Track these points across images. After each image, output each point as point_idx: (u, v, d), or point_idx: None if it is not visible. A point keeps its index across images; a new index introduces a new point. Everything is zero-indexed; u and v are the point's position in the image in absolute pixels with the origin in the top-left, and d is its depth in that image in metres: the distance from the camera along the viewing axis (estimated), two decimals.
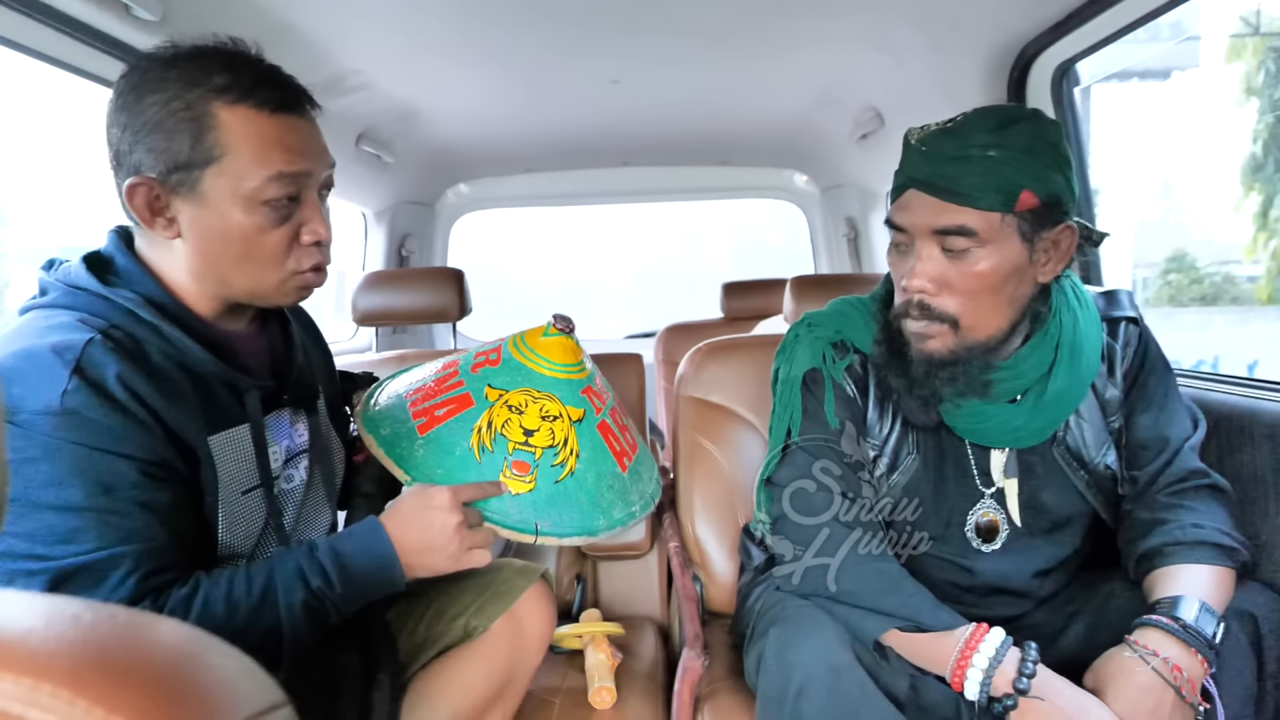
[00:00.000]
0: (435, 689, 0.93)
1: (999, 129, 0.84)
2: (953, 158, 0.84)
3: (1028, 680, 0.78)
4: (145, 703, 0.23)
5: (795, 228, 3.06)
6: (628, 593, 1.46)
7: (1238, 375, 1.10)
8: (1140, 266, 6.02)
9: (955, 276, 0.87)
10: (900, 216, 0.90)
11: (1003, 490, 0.97)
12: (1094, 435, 0.96)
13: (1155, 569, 0.88)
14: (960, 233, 0.84)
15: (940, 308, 0.88)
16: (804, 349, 1.03)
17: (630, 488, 1.02)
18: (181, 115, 0.72)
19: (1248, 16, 4.88)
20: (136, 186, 0.73)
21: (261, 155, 0.74)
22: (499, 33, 1.49)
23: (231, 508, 0.78)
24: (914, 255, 0.89)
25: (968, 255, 0.85)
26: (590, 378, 1.02)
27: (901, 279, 0.91)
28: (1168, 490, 0.93)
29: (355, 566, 0.78)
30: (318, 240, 0.80)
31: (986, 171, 0.83)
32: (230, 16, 1.24)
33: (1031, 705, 0.78)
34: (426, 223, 2.78)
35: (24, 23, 1.01)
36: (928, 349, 0.90)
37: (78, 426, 0.66)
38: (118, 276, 0.77)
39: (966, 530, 0.98)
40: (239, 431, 0.80)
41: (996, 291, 0.87)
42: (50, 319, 0.71)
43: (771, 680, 0.84)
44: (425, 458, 0.93)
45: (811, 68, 1.76)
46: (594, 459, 0.97)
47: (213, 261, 0.77)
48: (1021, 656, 0.80)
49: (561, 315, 1.03)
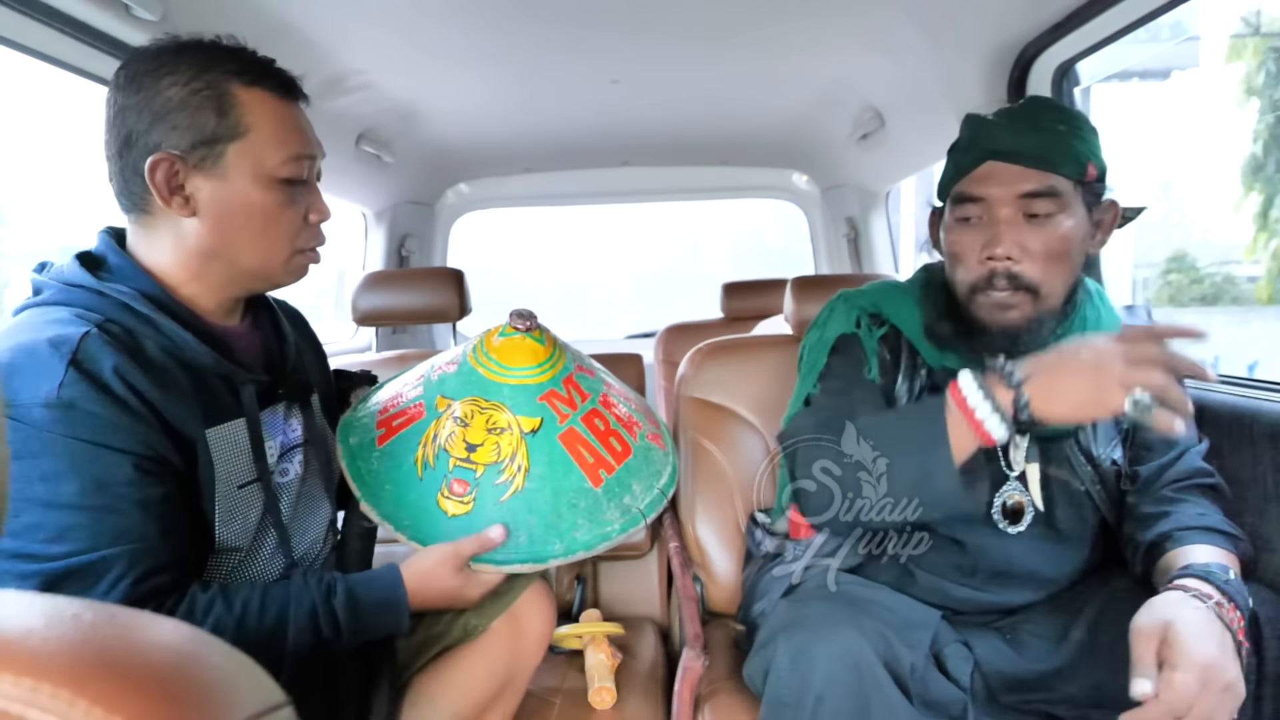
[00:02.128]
0: (435, 689, 0.93)
1: (1060, 110, 0.93)
2: (1031, 129, 0.90)
3: (1019, 375, 0.80)
4: (145, 703, 0.23)
5: (795, 228, 3.06)
6: (628, 593, 1.46)
7: (1238, 375, 1.10)
8: (1140, 266, 6.01)
9: (1037, 242, 0.90)
10: (979, 187, 0.92)
11: (1025, 475, 0.98)
12: (1104, 431, 0.98)
13: (1166, 553, 0.88)
14: (1049, 194, 0.89)
15: (1025, 275, 0.91)
16: (839, 317, 1.06)
17: (607, 503, 0.90)
18: (205, 94, 0.74)
19: (1248, 16, 4.88)
20: (159, 163, 0.74)
21: (281, 135, 0.78)
22: (499, 33, 1.49)
23: (228, 502, 0.78)
24: (988, 227, 0.92)
25: (1050, 220, 0.90)
26: (556, 379, 0.93)
27: (981, 250, 0.92)
28: (1172, 486, 0.94)
29: (369, 618, 0.81)
30: (321, 220, 0.85)
31: (1062, 141, 0.89)
32: (230, 16, 1.24)
33: (1041, 387, 0.79)
34: (426, 223, 2.78)
35: (24, 22, 1.01)
36: (1009, 319, 0.92)
37: (74, 419, 0.66)
38: (111, 273, 0.77)
39: (994, 511, 0.98)
40: (235, 425, 0.80)
41: (1069, 257, 0.91)
42: (46, 315, 0.71)
43: (785, 684, 0.83)
44: (378, 471, 0.90)
45: (811, 68, 1.76)
46: (550, 475, 0.88)
47: (228, 238, 0.78)
48: (997, 371, 0.82)
49: (521, 311, 0.95)
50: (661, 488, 0.97)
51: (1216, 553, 0.85)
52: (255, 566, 0.84)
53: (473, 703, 0.93)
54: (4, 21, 0.99)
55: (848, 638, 0.82)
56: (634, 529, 0.91)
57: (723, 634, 1.23)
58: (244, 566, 0.83)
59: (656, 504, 0.95)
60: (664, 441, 1.04)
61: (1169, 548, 0.88)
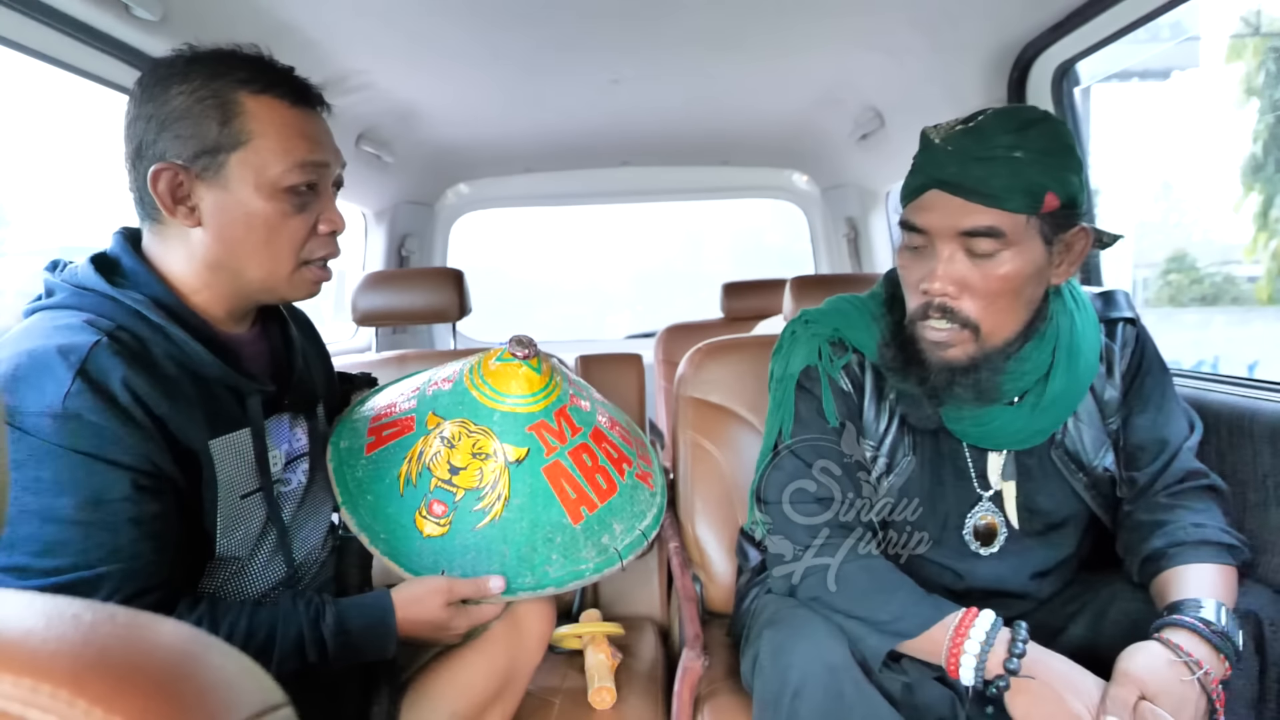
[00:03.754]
0: (434, 688, 0.93)
1: (1020, 130, 0.82)
2: (978, 158, 0.82)
3: (1018, 660, 0.78)
4: (145, 703, 0.23)
5: (795, 228, 3.06)
6: (628, 593, 1.45)
7: (1238, 375, 1.10)
8: (1140, 267, 6.01)
9: (978, 279, 0.84)
10: (921, 218, 0.86)
11: (1000, 493, 0.97)
12: (1092, 437, 0.96)
13: (1162, 570, 0.87)
14: (989, 234, 0.82)
15: (962, 311, 0.86)
16: (801, 347, 1.02)
17: (585, 541, 0.89)
18: (209, 102, 0.74)
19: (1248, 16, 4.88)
20: (161, 172, 0.74)
21: (286, 143, 0.77)
22: (499, 33, 1.49)
23: (230, 511, 0.78)
24: (932, 257, 0.86)
25: (993, 258, 0.83)
26: (549, 410, 0.91)
27: (919, 282, 0.88)
28: (1167, 492, 0.93)
29: (357, 643, 0.80)
30: (333, 230, 0.83)
31: (1013, 173, 0.81)
32: (230, 16, 1.24)
33: (1024, 684, 0.77)
34: (426, 223, 2.78)
35: (24, 23, 1.01)
36: (948, 357, 0.89)
37: (77, 430, 0.65)
38: (124, 278, 0.77)
39: (965, 534, 0.97)
40: (240, 435, 0.80)
41: (1017, 294, 0.86)
42: (57, 320, 0.71)
43: (767, 682, 0.84)
44: (362, 480, 0.89)
45: (812, 68, 1.76)
46: (530, 507, 0.87)
47: (233, 249, 0.78)
48: (1012, 637, 0.80)
49: (521, 339, 0.93)
50: (644, 529, 0.95)
51: (1214, 572, 0.85)
52: (254, 573, 0.84)
53: (472, 702, 0.93)
54: (4, 22, 0.99)
55: (822, 633, 0.83)
56: (609, 569, 0.90)
57: (722, 634, 1.23)
58: (243, 573, 0.82)
59: (636, 546, 0.94)
60: (654, 481, 1.02)
61: (1165, 566, 0.87)
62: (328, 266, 0.85)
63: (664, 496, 1.03)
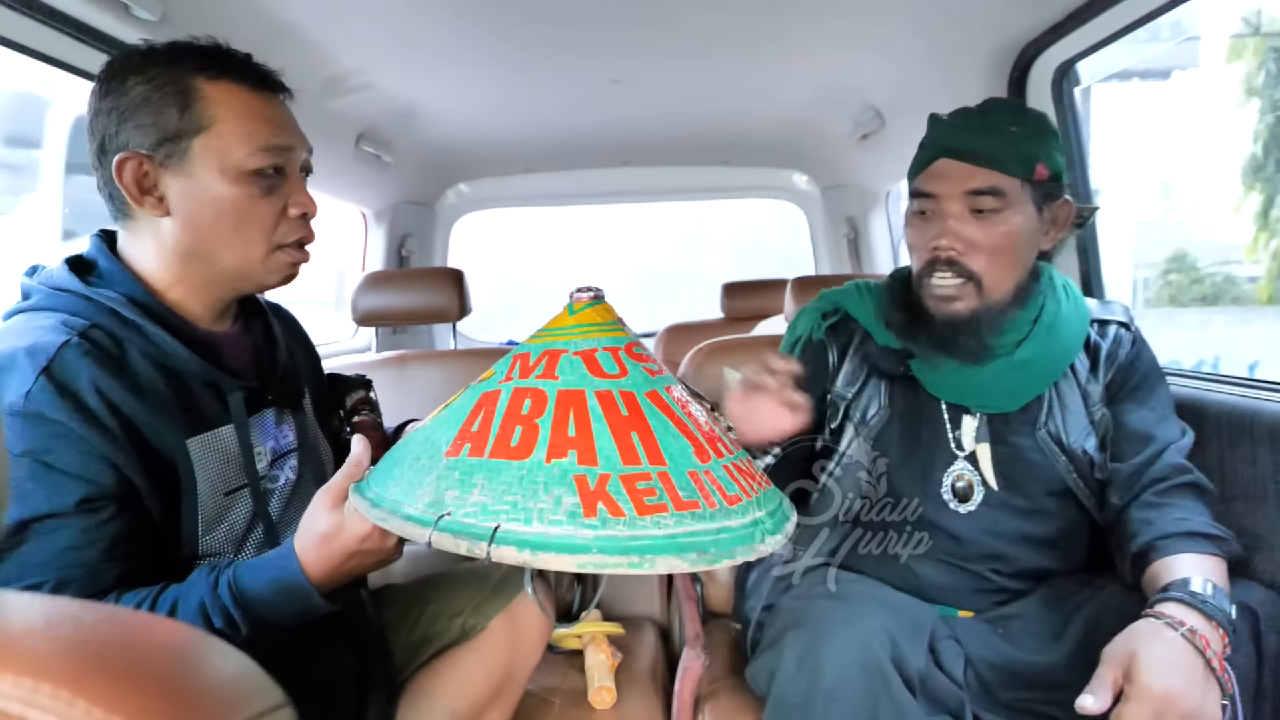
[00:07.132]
0: (433, 688, 0.93)
1: (1017, 111, 0.99)
2: (981, 129, 0.96)
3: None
4: (145, 703, 0.23)
5: (795, 228, 3.06)
6: (628, 593, 1.46)
7: (1238, 375, 1.10)
8: (1140, 267, 6.01)
9: (982, 236, 0.95)
10: (930, 184, 0.97)
11: (975, 454, 1.02)
12: (1075, 422, 1.00)
13: (1151, 563, 0.88)
14: (992, 192, 0.93)
15: (966, 264, 0.95)
16: (802, 320, 1.14)
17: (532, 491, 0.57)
18: (168, 90, 0.74)
19: (1248, 16, 4.88)
20: (125, 161, 0.74)
21: (247, 126, 0.76)
22: (499, 33, 1.49)
23: (212, 509, 0.77)
24: (940, 219, 0.96)
25: (995, 216, 0.94)
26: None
27: (929, 242, 0.97)
28: (1153, 489, 0.95)
29: (261, 603, 0.70)
30: (304, 213, 0.82)
31: (1011, 143, 0.94)
32: (230, 16, 1.24)
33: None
34: (426, 223, 2.77)
35: (24, 22, 1.01)
36: (954, 310, 0.97)
37: (37, 431, 0.65)
38: (100, 278, 0.77)
39: (943, 491, 1.02)
40: (221, 432, 0.79)
41: (1014, 251, 0.96)
42: (33, 321, 0.71)
43: (793, 685, 0.83)
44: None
45: (812, 68, 1.76)
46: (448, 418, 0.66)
47: (202, 236, 0.77)
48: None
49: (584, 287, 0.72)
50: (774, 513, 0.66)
51: (1200, 561, 0.85)
52: None
53: (471, 702, 0.93)
54: (3, 21, 0.99)
55: (855, 637, 0.83)
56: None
57: (723, 634, 1.23)
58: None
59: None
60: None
61: (1153, 558, 0.88)
62: (305, 249, 0.84)
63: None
